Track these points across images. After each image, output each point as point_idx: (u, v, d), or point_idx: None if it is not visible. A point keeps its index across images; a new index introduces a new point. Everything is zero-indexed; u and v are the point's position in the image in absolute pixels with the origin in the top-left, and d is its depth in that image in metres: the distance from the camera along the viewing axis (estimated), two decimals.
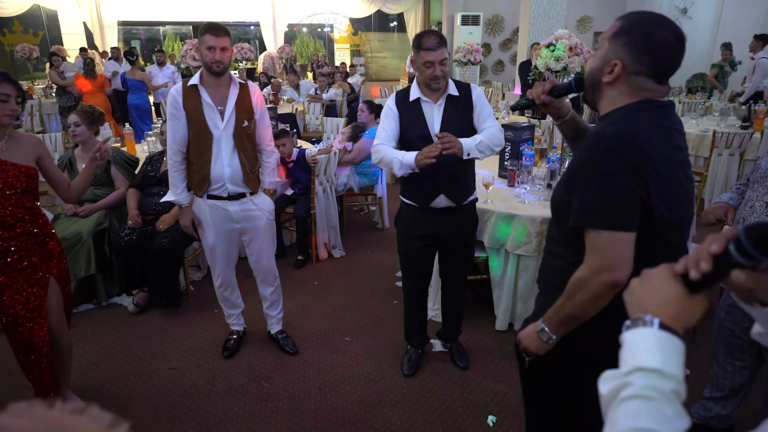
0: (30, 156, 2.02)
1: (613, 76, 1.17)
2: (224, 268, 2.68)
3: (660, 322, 0.70)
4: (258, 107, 2.50)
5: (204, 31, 2.31)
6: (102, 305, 3.36)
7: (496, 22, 11.95)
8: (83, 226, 3.25)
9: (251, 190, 2.54)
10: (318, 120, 7.07)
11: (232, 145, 2.42)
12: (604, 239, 1.11)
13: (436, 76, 2.19)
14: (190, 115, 2.38)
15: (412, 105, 2.30)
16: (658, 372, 0.66)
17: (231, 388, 2.57)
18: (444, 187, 2.33)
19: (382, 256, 4.17)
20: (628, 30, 1.16)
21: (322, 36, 14.24)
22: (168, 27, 13.40)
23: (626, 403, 0.65)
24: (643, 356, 0.68)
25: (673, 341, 0.69)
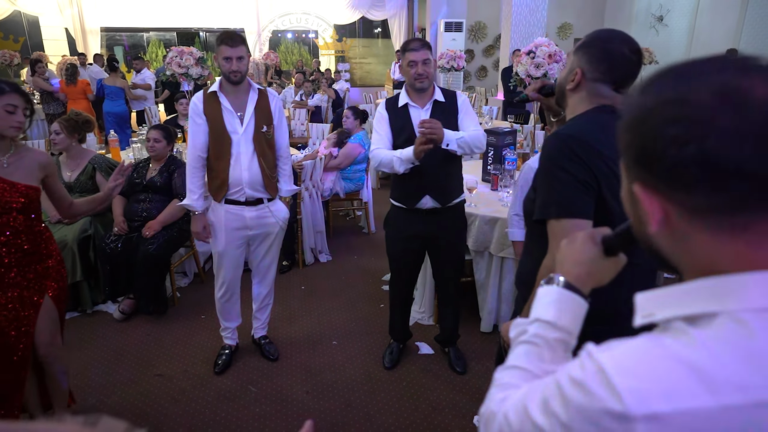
0: (34, 175, 1.94)
1: (575, 83, 1.30)
2: (230, 277, 2.67)
3: (565, 282, 0.79)
4: (277, 114, 2.56)
5: (220, 42, 2.36)
6: (87, 313, 3.34)
7: (479, 29, 12.12)
8: (68, 233, 3.23)
9: (269, 195, 2.57)
10: (303, 126, 7.09)
11: (252, 150, 2.47)
12: (563, 227, 1.18)
13: (420, 74, 2.30)
14: (211, 121, 2.43)
15: (401, 110, 2.41)
16: (550, 324, 0.75)
17: (219, 394, 2.58)
18: (429, 188, 2.40)
19: (369, 260, 4.21)
20: (589, 44, 1.30)
21: (307, 42, 14.28)
22: (152, 33, 13.32)
23: (519, 346, 0.77)
24: (542, 310, 0.78)
25: (572, 299, 0.78)
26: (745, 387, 0.45)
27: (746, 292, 0.49)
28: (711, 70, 0.50)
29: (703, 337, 0.49)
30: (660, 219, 0.54)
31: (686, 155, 0.48)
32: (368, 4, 12.82)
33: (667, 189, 0.52)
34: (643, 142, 0.53)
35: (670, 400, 0.46)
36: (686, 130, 0.49)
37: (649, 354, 0.50)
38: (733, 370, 0.46)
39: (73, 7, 11.37)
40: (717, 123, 0.47)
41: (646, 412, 0.46)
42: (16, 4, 10.67)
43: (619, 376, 0.49)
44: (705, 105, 0.48)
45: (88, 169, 3.38)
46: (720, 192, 0.49)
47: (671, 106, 0.50)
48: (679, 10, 9.87)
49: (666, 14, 10.18)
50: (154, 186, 3.40)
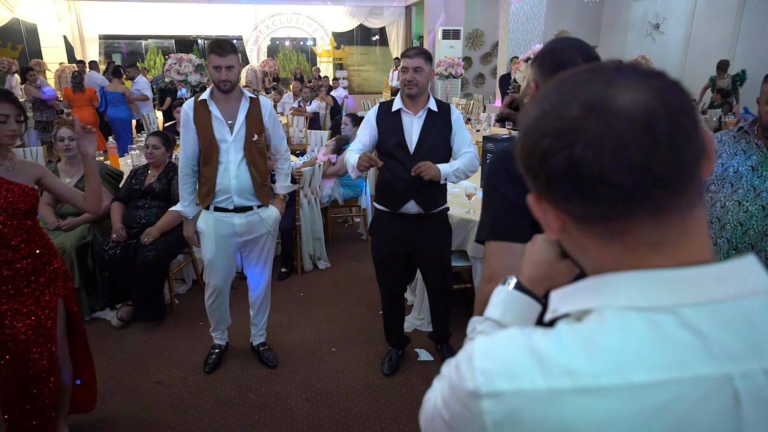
0: (31, 178, 1.96)
1: (530, 96, 1.26)
2: (220, 283, 2.68)
3: (516, 283, 0.82)
4: (270, 121, 2.56)
5: (210, 51, 2.35)
6: (85, 320, 3.32)
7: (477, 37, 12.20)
8: (66, 239, 3.22)
9: (260, 203, 2.57)
10: (302, 133, 7.11)
11: (241, 158, 2.46)
12: (491, 249, 1.15)
13: (408, 81, 2.35)
14: (200, 129, 2.43)
15: (393, 115, 2.45)
16: (496, 322, 0.79)
17: (218, 401, 2.57)
18: (414, 193, 2.43)
19: (368, 267, 4.19)
20: (542, 55, 1.26)
21: (305, 50, 14.34)
22: (150, 41, 13.37)
23: (466, 342, 0.78)
24: (491, 308, 0.81)
25: (521, 299, 0.80)
26: (574, 373, 0.48)
27: (614, 290, 0.52)
28: (583, 81, 0.51)
29: (561, 328, 0.52)
30: (558, 227, 0.56)
31: (557, 165, 0.50)
32: (366, 12, 12.90)
33: (551, 199, 0.54)
34: (526, 155, 0.54)
35: (511, 379, 0.49)
36: (556, 142, 0.50)
37: (509, 340, 0.53)
38: (567, 357, 0.49)
39: (71, 14, 11.42)
40: (582, 133, 0.49)
41: (490, 389, 0.50)
42: (14, 12, 10.69)
43: (479, 358, 0.53)
44: (573, 116, 0.49)
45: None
46: (591, 200, 0.50)
47: (547, 118, 0.52)
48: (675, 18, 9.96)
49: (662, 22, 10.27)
50: (153, 192, 3.40)
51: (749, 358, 0.47)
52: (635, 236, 0.51)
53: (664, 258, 0.51)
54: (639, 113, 0.47)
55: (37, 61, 10.13)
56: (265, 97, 2.88)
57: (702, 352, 0.48)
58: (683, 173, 0.49)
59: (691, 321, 0.48)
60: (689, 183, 0.50)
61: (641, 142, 0.47)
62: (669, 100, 0.49)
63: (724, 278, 0.50)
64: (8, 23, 10.82)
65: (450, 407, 0.56)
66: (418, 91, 2.37)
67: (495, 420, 0.50)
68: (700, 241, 0.53)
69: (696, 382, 0.47)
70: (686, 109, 0.49)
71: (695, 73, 9.52)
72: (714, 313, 0.49)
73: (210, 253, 2.59)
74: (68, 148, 3.27)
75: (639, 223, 0.50)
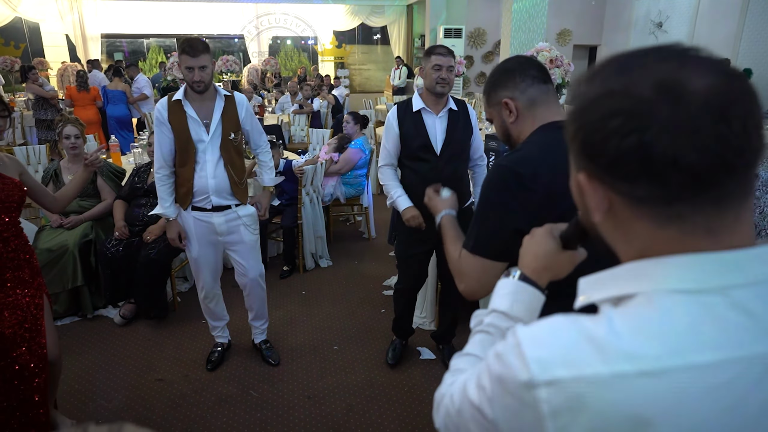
0: (15, 173, 1.99)
1: (514, 112, 1.23)
2: (208, 281, 2.68)
3: (521, 275, 0.82)
4: (247, 118, 2.52)
5: (181, 51, 2.27)
6: (88, 317, 3.33)
7: (478, 35, 12.17)
8: (69, 237, 3.23)
9: (238, 201, 2.55)
10: (303, 131, 7.11)
11: (218, 157, 2.43)
12: (473, 263, 1.17)
13: (443, 78, 2.34)
14: (176, 129, 2.38)
15: (415, 115, 2.43)
16: (504, 314, 0.80)
17: (219, 399, 2.57)
18: None
19: (369, 265, 4.20)
20: (489, 86, 1.28)
21: (307, 49, 14.34)
22: (152, 39, 13.38)
23: (474, 335, 0.81)
24: (498, 300, 0.82)
25: (527, 290, 0.81)
26: (635, 356, 0.48)
27: (663, 273, 0.52)
28: (652, 62, 0.51)
29: (611, 313, 0.52)
30: (605, 209, 0.56)
31: (627, 147, 0.50)
32: (368, 11, 12.89)
33: (610, 179, 0.53)
34: (586, 134, 0.54)
35: (570, 367, 0.49)
36: (627, 123, 0.50)
37: (559, 328, 0.53)
38: (626, 341, 0.49)
39: (73, 13, 11.43)
40: (656, 115, 0.48)
41: (547, 378, 0.49)
42: (17, 11, 10.71)
43: (529, 347, 0.52)
44: (645, 97, 0.49)
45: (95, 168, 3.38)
46: (658, 183, 0.50)
47: (613, 98, 0.51)
48: (678, 17, 9.93)
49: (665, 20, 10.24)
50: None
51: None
52: (692, 221, 0.51)
53: (715, 243, 0.51)
54: (714, 97, 0.47)
55: (40, 60, 10.17)
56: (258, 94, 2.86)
57: (755, 331, 0.48)
58: (749, 161, 0.49)
59: (741, 301, 0.49)
60: (751, 171, 0.50)
61: (717, 127, 0.47)
62: (741, 87, 0.49)
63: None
64: (11, 22, 10.84)
65: (495, 400, 0.55)
66: (449, 90, 2.39)
67: (553, 408, 0.49)
68: (748, 229, 0.53)
69: (752, 361, 0.47)
70: (755, 98, 0.50)
71: None
72: (764, 293, 0.49)
73: (194, 251, 2.59)
74: (74, 146, 3.28)
75: (699, 208, 0.51)
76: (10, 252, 1.93)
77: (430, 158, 2.41)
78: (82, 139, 3.31)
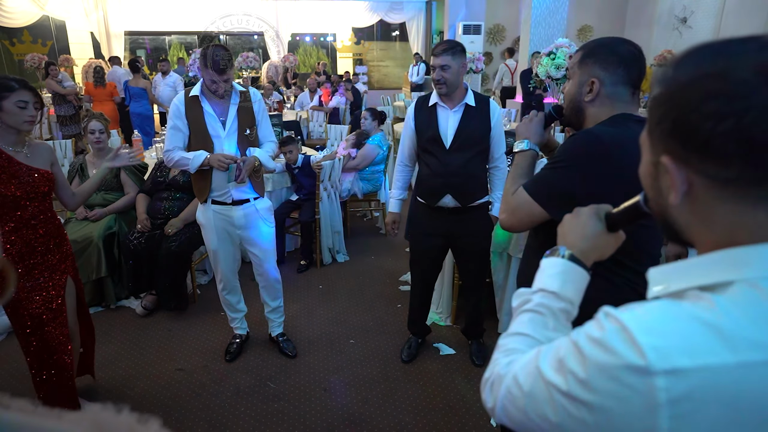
0: (47, 162, 2.08)
1: (594, 93, 1.27)
2: (226, 273, 2.73)
3: (570, 254, 0.81)
4: (260, 113, 2.56)
5: (207, 65, 2.28)
6: (111, 308, 3.42)
7: (498, 32, 12.08)
8: (93, 229, 3.31)
9: (257, 194, 2.60)
10: (321, 127, 7.15)
11: (235, 152, 2.47)
12: (524, 199, 1.30)
13: (436, 80, 2.35)
14: (193, 125, 2.43)
15: (430, 109, 2.46)
16: (554, 294, 0.79)
17: (238, 389, 2.62)
18: (451, 187, 2.44)
19: (386, 260, 4.22)
20: (594, 52, 1.28)
21: (325, 45, 14.39)
22: (173, 36, 13.57)
23: (522, 314, 0.80)
24: (547, 280, 0.81)
25: (576, 271, 0.80)
26: (763, 345, 0.47)
27: (764, 261, 0.51)
28: (751, 49, 0.51)
29: (721, 301, 0.51)
30: (685, 191, 0.56)
31: (724, 130, 0.50)
32: (386, 8, 12.88)
33: (699, 162, 0.53)
34: (678, 115, 0.54)
35: (693, 356, 0.48)
36: (725, 105, 0.50)
37: (669, 314, 0.52)
38: (750, 329, 0.48)
39: (98, 11, 11.67)
40: (756, 100, 0.48)
41: (667, 367, 0.48)
42: (44, 9, 10.97)
43: (641, 333, 0.51)
44: (745, 81, 0.49)
45: (113, 168, 3.46)
46: (753, 166, 0.50)
47: (710, 80, 0.51)
48: (703, 12, 9.70)
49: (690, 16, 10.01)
50: (177, 184, 3.47)
51: None
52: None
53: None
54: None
55: (66, 56, 10.39)
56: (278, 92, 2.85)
57: None
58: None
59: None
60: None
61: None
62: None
63: None
64: (38, 20, 11.10)
65: (595, 385, 0.53)
66: (448, 89, 2.37)
67: (672, 397, 0.48)
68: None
69: None
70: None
71: None
72: None
73: (213, 243, 2.63)
74: (98, 140, 3.37)
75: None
76: (39, 238, 2.04)
77: (439, 151, 2.43)
78: (106, 134, 3.39)
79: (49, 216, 2.08)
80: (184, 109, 2.42)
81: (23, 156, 1.99)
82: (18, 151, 1.98)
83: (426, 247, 2.65)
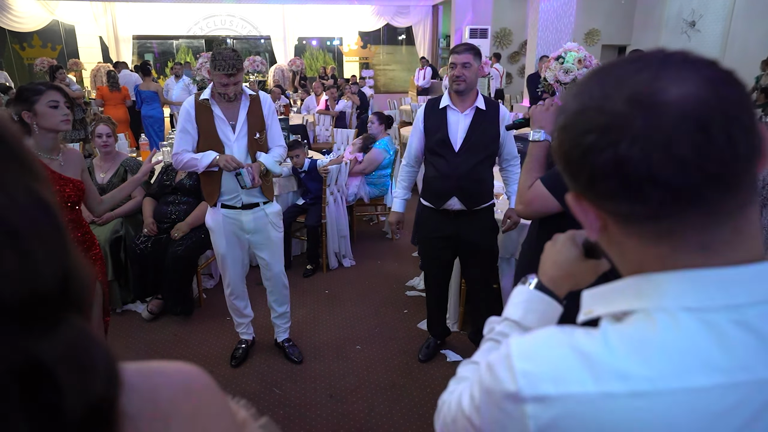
0: (78, 170, 2.07)
1: None
2: (234, 278, 2.72)
3: (537, 283, 0.79)
4: (269, 117, 2.55)
5: (216, 68, 2.26)
6: (117, 312, 3.41)
7: (504, 36, 12.06)
8: (100, 233, 3.31)
9: (266, 198, 2.59)
10: (328, 131, 7.15)
11: (245, 157, 2.47)
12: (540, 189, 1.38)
13: (457, 76, 2.36)
14: (202, 129, 2.43)
15: (440, 112, 2.48)
16: (516, 323, 0.77)
17: (243, 395, 2.59)
18: (457, 189, 2.45)
19: (392, 265, 4.19)
20: None
21: (332, 49, 14.43)
22: (181, 40, 13.65)
23: (484, 343, 0.81)
24: (511, 309, 0.79)
25: (542, 300, 0.78)
26: (628, 376, 0.46)
27: (662, 291, 0.49)
28: (628, 74, 0.48)
29: (608, 330, 0.50)
30: (599, 227, 0.54)
31: (602, 164, 0.47)
32: (393, 12, 12.90)
33: (594, 198, 0.52)
34: (565, 151, 0.52)
35: (558, 383, 0.47)
36: (601, 138, 0.47)
37: (550, 341, 0.51)
38: (621, 360, 0.47)
39: (107, 15, 11.77)
40: (629, 130, 0.46)
41: (535, 393, 0.48)
42: (54, 14, 11.08)
43: (519, 359, 0.50)
44: (618, 112, 0.46)
45: (120, 171, 3.47)
46: (639, 200, 0.47)
47: (589, 113, 0.49)
48: (712, 15, 9.64)
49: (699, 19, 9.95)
50: (183, 188, 3.47)
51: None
52: (683, 237, 0.49)
53: (714, 259, 0.48)
54: (691, 107, 0.44)
55: (75, 60, 10.47)
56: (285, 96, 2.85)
57: (764, 353, 0.45)
58: (737, 171, 0.45)
59: (749, 321, 0.46)
60: (743, 181, 0.46)
61: (694, 138, 0.44)
62: (724, 93, 0.45)
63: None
64: (48, 25, 11.22)
65: (483, 411, 0.54)
66: (467, 87, 2.38)
67: (539, 425, 0.48)
68: (752, 242, 0.50)
69: (760, 386, 0.44)
70: (743, 101, 0.46)
71: None
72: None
73: (222, 247, 2.62)
74: (106, 144, 3.37)
75: (688, 223, 0.48)
76: None
77: (447, 154, 2.44)
78: (113, 138, 3.40)
79: (77, 224, 2.07)
80: (195, 113, 2.42)
81: (57, 165, 1.98)
82: (53, 159, 1.97)
83: (433, 249, 2.66)
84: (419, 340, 3.02)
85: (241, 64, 2.32)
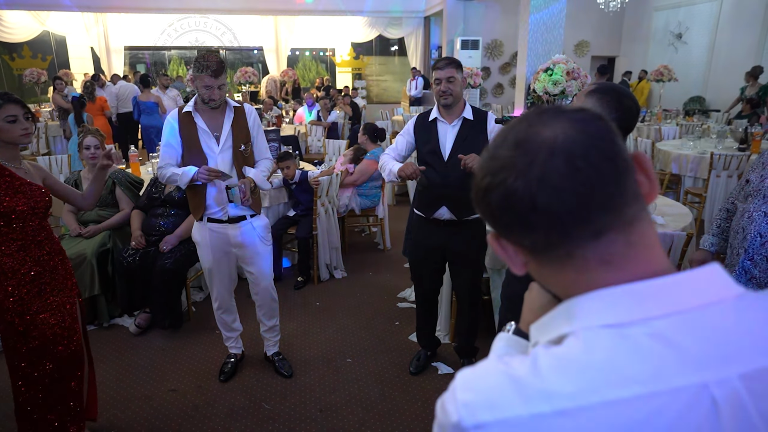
0: (39, 179, 2.04)
1: None
2: (222, 292, 2.69)
3: (515, 329, 0.83)
4: (255, 128, 2.53)
5: (199, 69, 2.25)
6: (104, 326, 3.36)
7: (495, 47, 12.17)
8: (87, 246, 3.27)
9: (253, 212, 2.56)
10: (320, 142, 7.15)
11: (230, 169, 2.44)
12: None
13: (443, 91, 2.39)
14: (186, 142, 2.40)
15: (430, 124, 2.53)
16: None
17: (232, 410, 2.56)
18: (447, 199, 2.48)
19: (384, 277, 4.17)
20: (603, 91, 1.44)
21: (324, 60, 14.49)
22: (173, 51, 13.65)
23: None
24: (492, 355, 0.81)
25: (521, 344, 0.81)
26: (552, 396, 0.47)
27: (584, 312, 0.53)
28: (512, 126, 0.56)
29: (539, 353, 0.52)
30: (521, 262, 0.58)
31: (497, 200, 0.54)
32: (385, 23, 12.99)
33: (503, 234, 0.57)
34: (473, 195, 0.58)
35: (493, 410, 0.49)
36: (494, 178, 0.54)
37: (488, 370, 0.53)
38: (548, 381, 0.48)
39: (98, 26, 11.75)
40: (513, 168, 0.52)
41: (474, 422, 0.49)
42: (45, 25, 11.05)
43: (461, 391, 0.52)
44: (505, 156, 0.54)
45: (108, 184, 3.44)
46: (530, 230, 0.53)
47: (486, 161, 0.56)
48: (698, 27, 9.79)
49: (685, 32, 10.11)
50: (172, 201, 3.44)
51: (723, 365, 0.48)
52: (583, 257, 0.53)
53: (618, 274, 0.53)
54: (558, 143, 0.51)
55: (65, 71, 10.44)
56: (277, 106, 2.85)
57: (676, 362, 0.48)
58: (610, 191, 0.51)
59: (662, 332, 0.49)
60: (620, 200, 0.52)
61: (562, 168, 0.50)
62: (587, 129, 0.52)
63: (690, 287, 0.51)
64: (39, 35, 11.18)
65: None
66: (453, 101, 2.42)
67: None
68: (652, 253, 0.54)
69: (675, 394, 0.47)
70: (604, 134, 0.53)
71: (719, 83, 9.33)
72: (683, 323, 0.49)
73: (209, 262, 2.59)
74: (93, 156, 3.34)
75: (581, 245, 0.53)
76: (45, 255, 1.97)
77: (437, 164, 2.47)
78: (102, 150, 3.37)
79: (49, 232, 2.03)
80: (178, 126, 2.40)
81: (23, 172, 1.96)
82: (18, 168, 1.95)
83: (423, 259, 2.68)
84: (411, 353, 3.00)
85: (224, 67, 2.32)
